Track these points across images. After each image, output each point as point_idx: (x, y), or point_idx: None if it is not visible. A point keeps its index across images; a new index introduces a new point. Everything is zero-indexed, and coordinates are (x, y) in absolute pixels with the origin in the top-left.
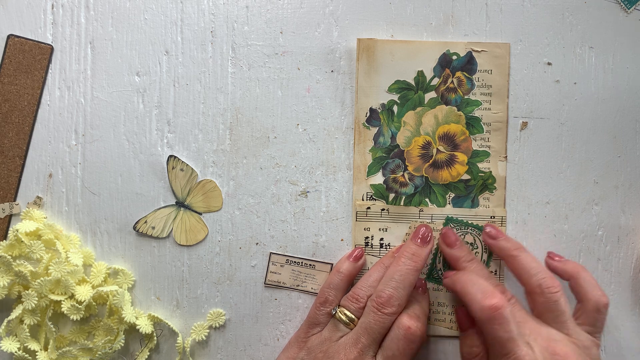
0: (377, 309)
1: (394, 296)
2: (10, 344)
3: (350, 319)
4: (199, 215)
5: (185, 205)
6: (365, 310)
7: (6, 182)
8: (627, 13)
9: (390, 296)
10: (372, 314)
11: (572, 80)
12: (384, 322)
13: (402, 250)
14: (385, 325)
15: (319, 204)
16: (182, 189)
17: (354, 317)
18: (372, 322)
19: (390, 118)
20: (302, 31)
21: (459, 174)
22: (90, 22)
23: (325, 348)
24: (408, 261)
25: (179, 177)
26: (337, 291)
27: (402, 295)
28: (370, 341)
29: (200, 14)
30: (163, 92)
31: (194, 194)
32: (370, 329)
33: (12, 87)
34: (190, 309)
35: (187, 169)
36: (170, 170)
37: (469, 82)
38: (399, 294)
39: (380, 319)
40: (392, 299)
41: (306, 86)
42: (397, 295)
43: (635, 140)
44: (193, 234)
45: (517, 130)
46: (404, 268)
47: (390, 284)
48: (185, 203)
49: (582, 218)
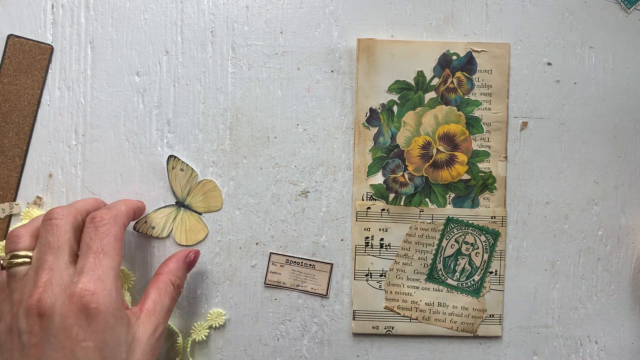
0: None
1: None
2: None
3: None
4: (199, 215)
5: (185, 205)
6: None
7: (6, 182)
8: (627, 13)
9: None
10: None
11: (572, 80)
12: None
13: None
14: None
15: (319, 204)
16: (182, 189)
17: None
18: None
19: (390, 118)
20: (302, 31)
21: (459, 174)
22: (90, 22)
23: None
24: None
25: (179, 177)
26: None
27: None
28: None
29: (200, 14)
30: (163, 92)
31: (194, 194)
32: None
33: (12, 87)
34: (190, 309)
35: (187, 169)
36: (170, 170)
37: (469, 82)
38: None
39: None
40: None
41: (306, 86)
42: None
43: (635, 140)
44: (193, 234)
45: (517, 130)
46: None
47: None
48: (185, 203)
49: (582, 218)
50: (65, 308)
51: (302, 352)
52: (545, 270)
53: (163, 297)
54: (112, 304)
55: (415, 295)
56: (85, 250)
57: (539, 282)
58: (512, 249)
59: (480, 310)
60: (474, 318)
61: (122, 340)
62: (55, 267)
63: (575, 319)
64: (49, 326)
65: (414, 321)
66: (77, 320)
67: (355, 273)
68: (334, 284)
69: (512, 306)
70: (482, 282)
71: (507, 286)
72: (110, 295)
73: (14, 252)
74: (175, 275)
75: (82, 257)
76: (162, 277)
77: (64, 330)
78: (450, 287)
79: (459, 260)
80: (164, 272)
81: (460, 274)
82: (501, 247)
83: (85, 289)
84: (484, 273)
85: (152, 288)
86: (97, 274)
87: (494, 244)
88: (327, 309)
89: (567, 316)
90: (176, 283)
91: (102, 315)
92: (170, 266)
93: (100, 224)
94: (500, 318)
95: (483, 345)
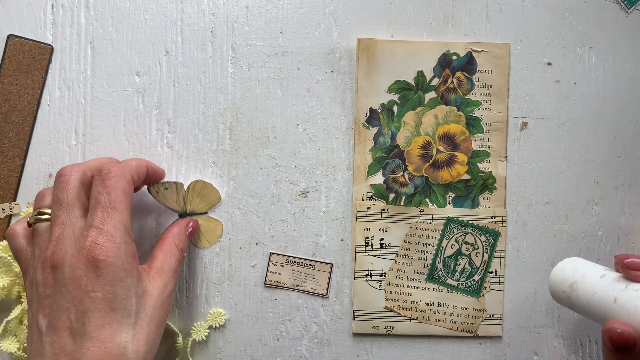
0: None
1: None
2: (10, 344)
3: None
4: (205, 214)
5: (188, 214)
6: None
7: (6, 182)
8: (627, 13)
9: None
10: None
11: (572, 80)
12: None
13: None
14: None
15: (319, 204)
16: (177, 202)
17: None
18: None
19: (390, 118)
20: (302, 31)
21: (459, 174)
22: (90, 22)
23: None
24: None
25: (168, 196)
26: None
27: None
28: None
29: (200, 14)
30: (163, 92)
31: (190, 200)
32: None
33: (12, 87)
34: (190, 309)
35: (170, 185)
36: (157, 195)
37: (469, 82)
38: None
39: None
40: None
41: (306, 86)
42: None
43: (635, 140)
44: (211, 234)
45: (517, 130)
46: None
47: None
48: (187, 212)
49: (582, 218)
50: (75, 260)
51: (302, 352)
52: (545, 270)
53: (169, 258)
54: (121, 256)
55: (415, 295)
56: (94, 204)
57: (539, 282)
58: (512, 249)
59: (480, 310)
60: (474, 318)
61: (132, 292)
62: (67, 222)
63: (575, 319)
64: (60, 277)
65: (414, 321)
66: (86, 272)
67: (355, 273)
68: (334, 284)
69: (512, 306)
70: (482, 282)
71: (507, 286)
72: (119, 248)
73: (39, 209)
74: (179, 239)
75: (92, 211)
76: (167, 240)
77: (73, 281)
78: (450, 287)
79: (459, 260)
80: (169, 236)
81: (460, 274)
82: (501, 247)
83: (95, 241)
84: (484, 273)
85: (158, 250)
86: (106, 227)
87: (494, 244)
88: (327, 309)
89: (567, 316)
90: (180, 246)
91: (111, 268)
92: (174, 231)
93: (107, 177)
94: (500, 318)
95: (483, 345)
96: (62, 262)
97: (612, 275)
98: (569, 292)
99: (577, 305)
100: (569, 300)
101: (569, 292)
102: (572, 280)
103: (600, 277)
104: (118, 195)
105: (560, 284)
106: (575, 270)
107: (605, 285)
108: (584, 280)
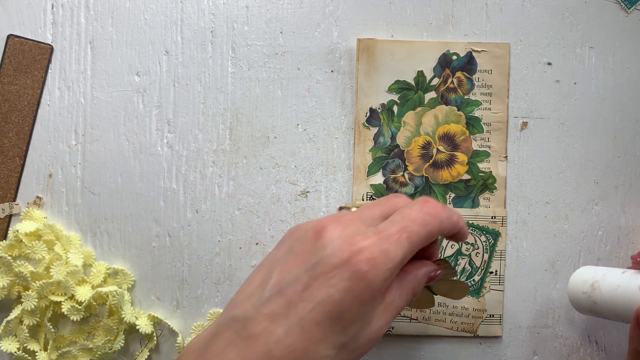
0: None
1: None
2: (10, 344)
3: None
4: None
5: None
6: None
7: (6, 182)
8: (627, 13)
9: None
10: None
11: (572, 80)
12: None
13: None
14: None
15: (319, 204)
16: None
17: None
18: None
19: (390, 118)
20: (302, 31)
21: (459, 174)
22: (90, 22)
23: None
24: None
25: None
26: None
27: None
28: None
29: (200, 14)
30: (163, 92)
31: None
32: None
33: (12, 87)
34: (190, 309)
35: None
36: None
37: (469, 82)
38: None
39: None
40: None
41: (306, 86)
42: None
43: (635, 140)
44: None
45: (517, 130)
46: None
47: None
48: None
49: (582, 218)
50: (341, 252)
51: None
52: (545, 270)
53: (402, 296)
54: (378, 281)
55: None
56: (399, 219)
57: (539, 282)
58: (512, 249)
59: (480, 310)
60: (474, 318)
61: (359, 318)
62: (360, 223)
63: (575, 319)
64: (321, 258)
65: (414, 321)
66: (339, 270)
67: None
68: None
69: (512, 306)
70: (482, 282)
71: (507, 286)
72: (384, 272)
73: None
74: (419, 283)
75: (389, 221)
76: (409, 277)
77: (323, 266)
78: None
79: (459, 260)
80: (410, 277)
81: (461, 274)
82: (501, 247)
83: (368, 249)
84: (484, 273)
85: (396, 283)
86: (387, 246)
87: (494, 244)
88: None
89: (567, 316)
90: (416, 290)
91: (361, 283)
92: (420, 273)
93: (429, 211)
94: (500, 318)
95: (483, 345)
96: (330, 242)
97: (633, 271)
98: (590, 291)
99: (600, 303)
100: (589, 300)
101: (590, 291)
102: (593, 280)
103: (622, 273)
104: (421, 232)
105: (580, 286)
106: (595, 272)
107: (629, 277)
108: (605, 278)
